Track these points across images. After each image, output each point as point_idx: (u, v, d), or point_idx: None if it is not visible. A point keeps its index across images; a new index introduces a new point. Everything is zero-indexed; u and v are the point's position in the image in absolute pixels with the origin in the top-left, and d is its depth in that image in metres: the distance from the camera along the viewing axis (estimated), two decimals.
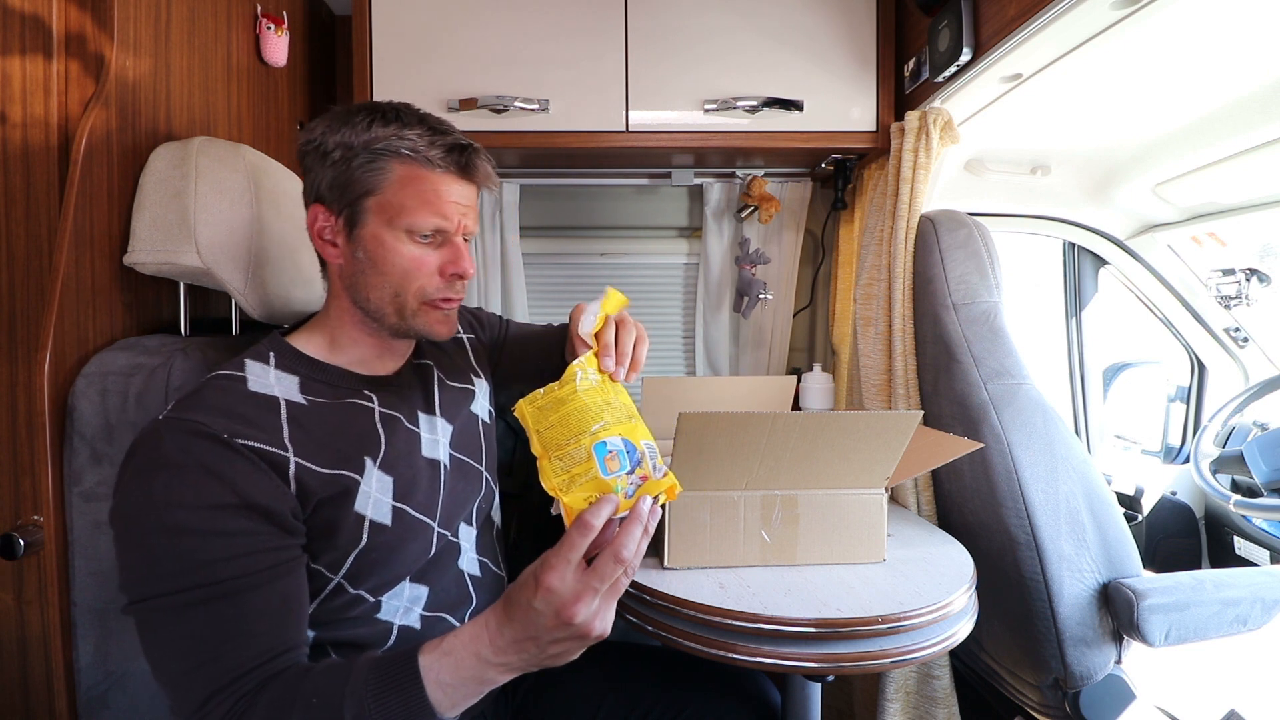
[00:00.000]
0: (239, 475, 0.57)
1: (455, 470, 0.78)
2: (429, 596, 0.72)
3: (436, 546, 0.73)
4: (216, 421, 0.58)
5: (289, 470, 0.60)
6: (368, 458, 0.67)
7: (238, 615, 0.55)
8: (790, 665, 0.74)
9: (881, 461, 0.86)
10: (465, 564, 0.79)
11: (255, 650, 0.55)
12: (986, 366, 1.08)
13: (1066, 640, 1.00)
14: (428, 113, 0.70)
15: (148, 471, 0.56)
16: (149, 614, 0.54)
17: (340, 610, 0.67)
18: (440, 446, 0.77)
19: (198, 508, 0.54)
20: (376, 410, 0.71)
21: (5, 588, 0.75)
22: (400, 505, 0.68)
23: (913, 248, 1.20)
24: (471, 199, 0.71)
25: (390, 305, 0.70)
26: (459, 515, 0.78)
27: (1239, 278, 1.59)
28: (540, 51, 1.23)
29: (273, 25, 1.14)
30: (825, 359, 1.62)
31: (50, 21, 0.76)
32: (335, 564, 0.65)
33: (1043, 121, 1.21)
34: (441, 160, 0.67)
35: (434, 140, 0.67)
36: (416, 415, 0.76)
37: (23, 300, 0.76)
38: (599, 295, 0.71)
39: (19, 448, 0.75)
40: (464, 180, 0.70)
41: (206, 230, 0.80)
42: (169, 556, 0.54)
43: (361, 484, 0.65)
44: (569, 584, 0.52)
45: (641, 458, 0.59)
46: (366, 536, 0.65)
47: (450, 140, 0.68)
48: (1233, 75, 0.99)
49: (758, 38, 1.24)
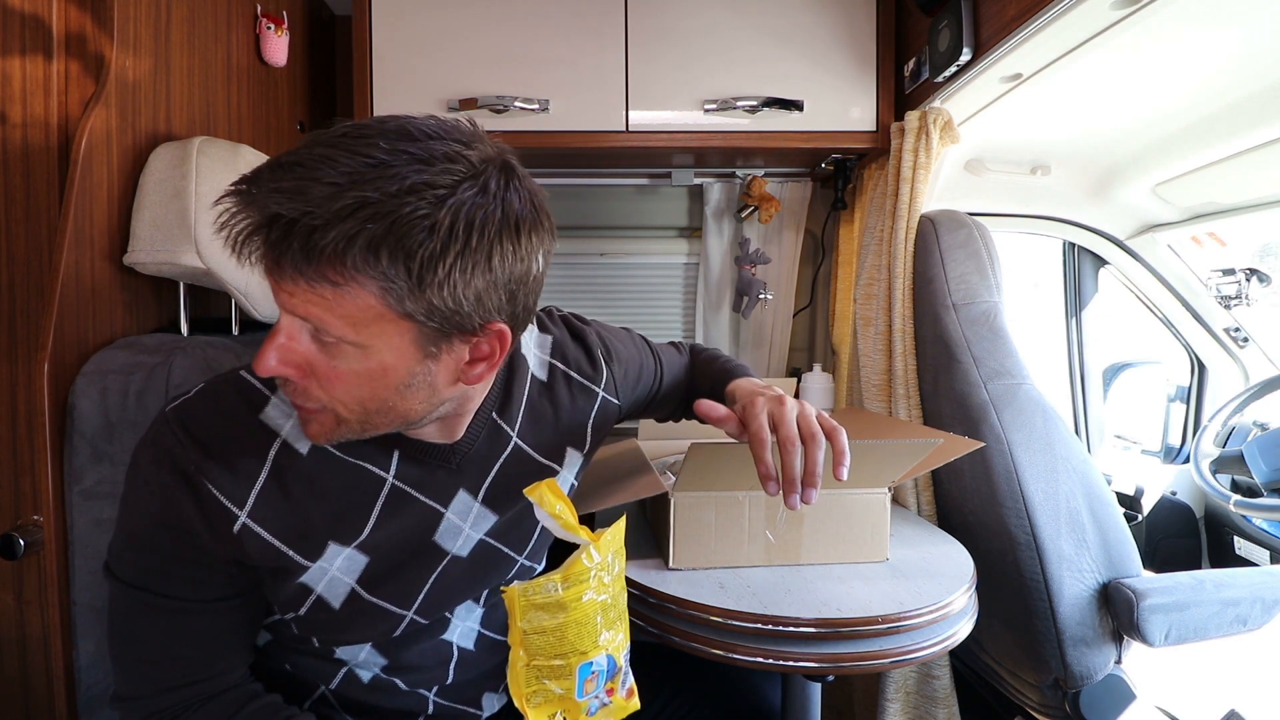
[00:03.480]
0: (186, 512, 0.54)
1: (476, 560, 0.67)
2: (389, 664, 0.66)
3: (404, 629, 0.64)
4: (190, 451, 0.54)
5: (233, 528, 0.55)
6: (334, 542, 0.59)
7: (171, 633, 0.57)
8: (790, 665, 0.74)
9: (888, 473, 0.86)
10: (456, 636, 0.70)
11: (178, 674, 0.57)
12: (986, 366, 1.08)
13: (1066, 640, 1.00)
14: (262, 163, 0.47)
15: (133, 465, 0.57)
16: (112, 586, 0.57)
17: (291, 639, 0.64)
18: (464, 537, 0.66)
19: (152, 523, 0.55)
20: (387, 484, 0.61)
21: (5, 588, 0.75)
22: (362, 591, 0.61)
23: (913, 248, 1.20)
24: (296, 289, 0.46)
25: None
26: (454, 602, 0.68)
27: (1239, 278, 1.59)
28: (540, 51, 1.23)
29: (273, 25, 1.14)
30: (825, 359, 1.62)
31: (50, 21, 0.76)
32: (280, 608, 0.61)
33: (1043, 121, 1.21)
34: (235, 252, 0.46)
35: (225, 225, 0.45)
36: (452, 496, 0.64)
37: (23, 300, 0.76)
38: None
39: (19, 447, 0.75)
40: (268, 276, 0.48)
41: (206, 230, 0.80)
42: (131, 549, 0.57)
43: (315, 565, 0.58)
44: None
45: (617, 671, 0.56)
46: (307, 610, 0.60)
47: (227, 221, 0.45)
48: (1233, 75, 0.99)
49: (758, 37, 1.24)
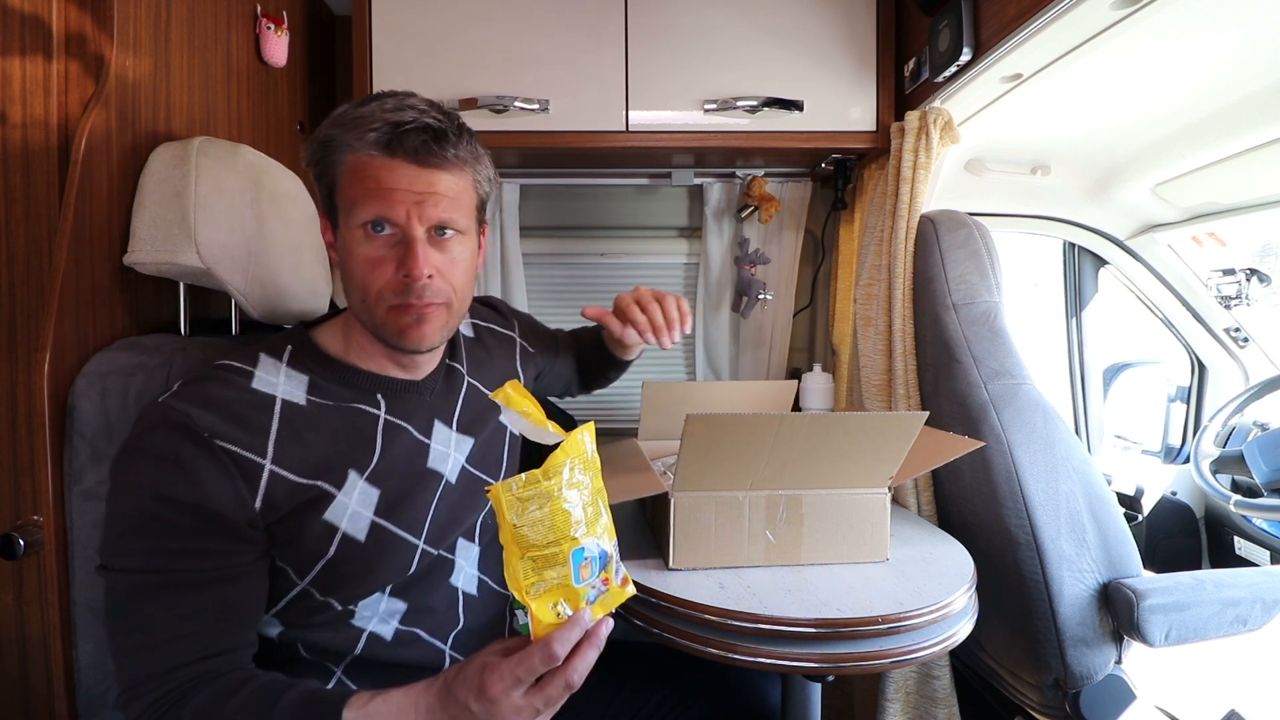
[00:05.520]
0: (203, 476, 0.57)
1: (462, 486, 0.74)
2: (408, 611, 0.70)
3: (419, 564, 0.69)
4: (203, 418, 0.58)
5: (260, 478, 0.59)
6: (353, 470, 0.65)
7: (178, 610, 0.57)
8: (790, 665, 0.74)
9: (886, 461, 0.86)
10: (460, 580, 0.75)
11: (188, 650, 0.57)
12: (986, 366, 1.08)
13: (1066, 640, 1.00)
14: (404, 95, 0.63)
15: (128, 452, 0.58)
16: (109, 583, 0.57)
17: (308, 614, 0.66)
18: (450, 461, 0.73)
19: (156, 498, 0.56)
20: (381, 418, 0.68)
21: (5, 588, 0.75)
22: (380, 521, 0.66)
23: (913, 248, 1.20)
24: (432, 185, 0.62)
25: (364, 312, 0.65)
26: (454, 531, 0.74)
27: (1239, 278, 1.59)
28: (540, 51, 1.23)
29: (273, 25, 1.14)
30: (825, 359, 1.62)
31: (50, 21, 0.76)
32: (301, 568, 0.63)
33: (1043, 121, 1.21)
34: (383, 144, 0.59)
35: (375, 125, 0.59)
36: (431, 427, 0.72)
37: (23, 300, 0.76)
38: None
39: (19, 448, 0.75)
40: (415, 165, 0.61)
41: (206, 230, 0.80)
42: (129, 535, 0.57)
43: (339, 496, 0.63)
44: (513, 700, 0.51)
45: (609, 560, 0.58)
46: (335, 549, 0.63)
47: (393, 118, 0.60)
48: (1233, 75, 0.99)
49: (758, 37, 1.24)
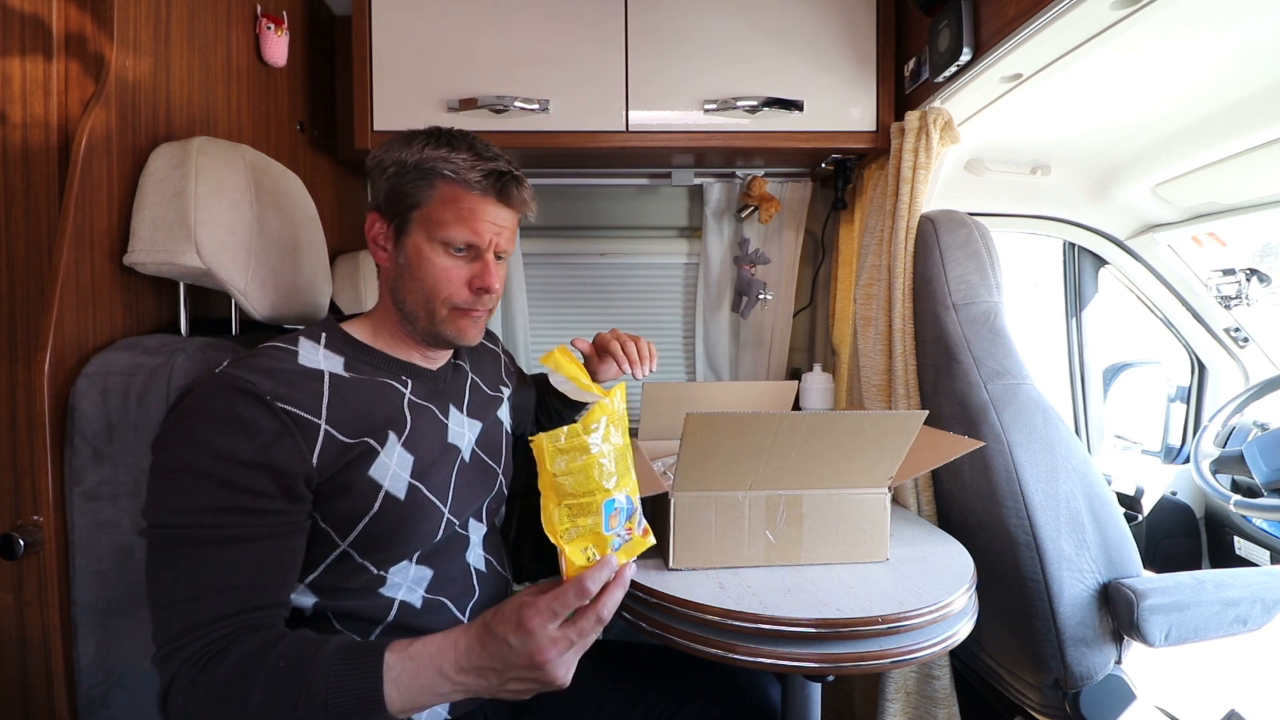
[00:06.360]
0: (267, 435, 0.62)
1: (474, 465, 0.83)
2: (433, 579, 0.75)
3: (444, 533, 0.76)
4: (263, 382, 0.64)
5: (318, 437, 0.65)
6: (392, 432, 0.72)
7: (225, 563, 0.60)
8: (790, 665, 0.74)
9: (886, 461, 0.86)
10: (472, 558, 0.82)
11: (233, 601, 0.60)
12: (986, 366, 1.08)
13: (1066, 640, 1.00)
14: (479, 138, 0.77)
15: (189, 414, 0.62)
16: (155, 540, 0.60)
17: (344, 579, 0.70)
18: (465, 439, 0.82)
19: (219, 456, 0.60)
20: (407, 396, 0.77)
21: (5, 588, 0.75)
22: (416, 483, 0.72)
23: (913, 248, 1.20)
24: (507, 221, 0.77)
25: (422, 309, 0.76)
26: (470, 508, 0.82)
27: (1239, 278, 1.59)
28: (540, 51, 1.23)
29: (273, 25, 1.14)
30: (825, 359, 1.62)
31: (50, 21, 0.76)
32: (344, 528, 0.68)
33: (1043, 121, 1.21)
34: (479, 183, 0.74)
35: (476, 164, 0.74)
36: (448, 408, 0.82)
37: (23, 300, 0.76)
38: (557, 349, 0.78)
39: (19, 448, 0.75)
40: (500, 204, 0.76)
41: (206, 230, 0.80)
42: (183, 493, 0.60)
43: (382, 455, 0.70)
44: (550, 632, 0.57)
45: (634, 512, 0.64)
46: (379, 504, 0.69)
47: (491, 166, 0.74)
48: (1233, 75, 0.99)
49: (758, 37, 1.24)
